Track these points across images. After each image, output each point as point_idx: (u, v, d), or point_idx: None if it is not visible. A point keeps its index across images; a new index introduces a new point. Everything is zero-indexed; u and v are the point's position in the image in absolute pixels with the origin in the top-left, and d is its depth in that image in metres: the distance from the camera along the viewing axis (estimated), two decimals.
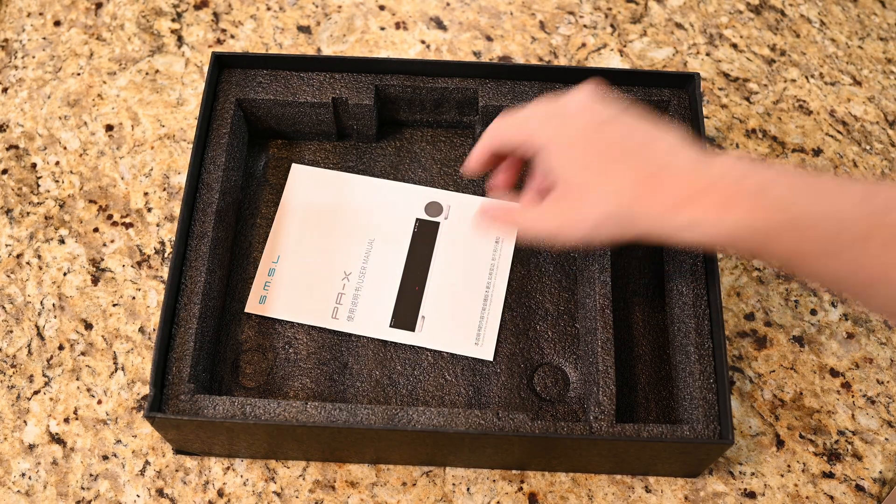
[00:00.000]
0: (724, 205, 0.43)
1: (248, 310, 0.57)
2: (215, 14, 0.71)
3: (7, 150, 0.64)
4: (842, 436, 0.55)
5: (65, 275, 0.59)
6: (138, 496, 0.52)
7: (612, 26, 0.71)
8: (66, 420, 0.55)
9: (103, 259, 0.60)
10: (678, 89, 0.59)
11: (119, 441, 0.54)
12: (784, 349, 0.58)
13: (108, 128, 0.65)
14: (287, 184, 0.61)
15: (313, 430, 0.48)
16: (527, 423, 0.48)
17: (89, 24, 0.70)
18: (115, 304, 0.58)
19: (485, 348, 0.55)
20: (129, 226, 0.61)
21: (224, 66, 0.59)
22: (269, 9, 0.71)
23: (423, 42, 0.70)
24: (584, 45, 0.70)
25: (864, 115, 0.67)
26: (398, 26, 0.71)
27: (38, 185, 0.63)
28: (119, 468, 0.53)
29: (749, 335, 0.58)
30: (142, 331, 0.57)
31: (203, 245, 0.53)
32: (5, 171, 0.64)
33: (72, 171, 0.63)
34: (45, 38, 0.70)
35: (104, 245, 0.60)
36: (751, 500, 0.53)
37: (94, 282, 0.59)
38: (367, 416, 0.48)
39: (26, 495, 0.52)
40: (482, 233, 0.54)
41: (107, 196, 0.62)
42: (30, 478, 0.53)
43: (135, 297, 0.58)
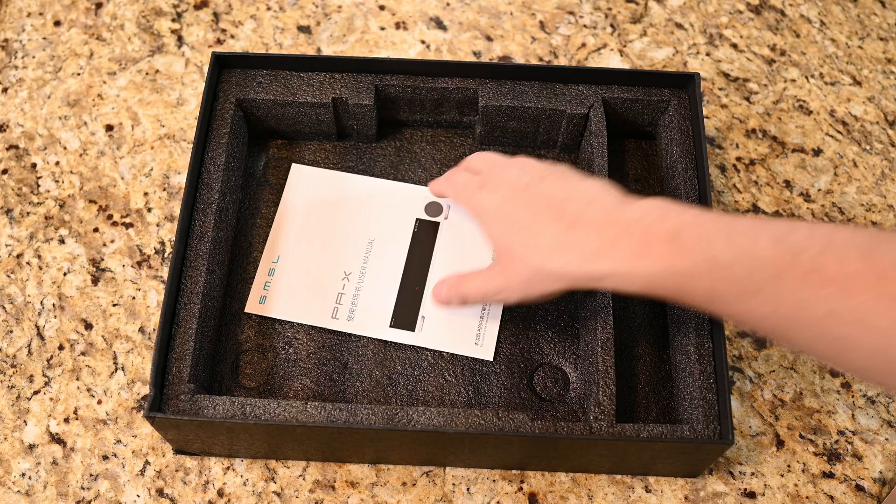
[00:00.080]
0: (637, 252, 0.44)
1: (248, 310, 0.57)
2: (215, 14, 0.71)
3: (7, 150, 0.64)
4: (842, 436, 0.55)
5: (65, 275, 0.59)
6: (138, 496, 0.52)
7: (612, 26, 0.71)
8: (66, 420, 0.55)
9: (103, 259, 0.60)
10: (678, 89, 0.59)
11: (119, 441, 0.54)
12: (784, 349, 0.58)
13: (108, 128, 0.65)
14: (287, 184, 0.61)
15: (313, 430, 0.48)
16: (527, 423, 0.48)
17: (89, 24, 0.70)
18: (115, 304, 0.58)
19: (485, 348, 0.55)
20: (129, 226, 0.61)
21: (224, 66, 0.59)
22: (269, 9, 0.71)
23: (423, 42, 0.70)
24: (584, 45, 0.70)
25: (864, 115, 0.67)
26: (398, 26, 0.71)
27: (38, 185, 0.63)
28: (119, 468, 0.53)
29: (749, 335, 0.58)
30: (142, 331, 0.57)
31: (203, 245, 0.53)
32: (5, 171, 0.64)
33: (72, 171, 0.63)
34: (45, 38, 0.70)
35: (104, 245, 0.60)
36: (751, 500, 0.53)
37: (94, 282, 0.59)
38: (367, 416, 0.48)
39: (26, 495, 0.52)
40: (441, 304, 0.55)
41: (107, 196, 0.62)
42: (30, 478, 0.53)
43: (135, 297, 0.58)
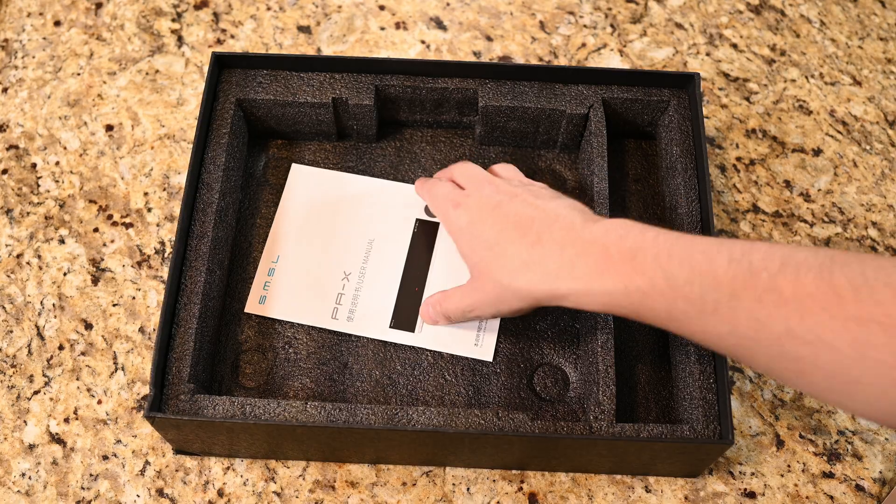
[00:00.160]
0: (596, 271, 0.44)
1: (247, 310, 0.57)
2: (215, 14, 0.71)
3: (7, 150, 0.64)
4: (842, 436, 0.55)
5: (65, 275, 0.59)
6: (138, 496, 0.52)
7: (612, 26, 0.71)
8: (66, 420, 0.55)
9: (103, 259, 0.60)
10: (678, 89, 0.59)
11: (119, 441, 0.54)
12: None
13: (108, 128, 0.65)
14: (287, 184, 0.61)
15: (313, 430, 0.48)
16: (527, 422, 0.48)
17: (89, 24, 0.70)
18: (115, 304, 0.58)
19: (484, 350, 0.55)
20: (129, 226, 0.61)
21: (224, 66, 0.59)
22: (269, 9, 0.71)
23: (423, 42, 0.70)
24: (584, 45, 0.70)
25: (864, 115, 0.67)
26: (398, 26, 0.71)
27: (38, 185, 0.63)
28: (119, 468, 0.53)
29: None
30: (142, 331, 0.57)
31: (203, 245, 0.53)
32: (5, 171, 0.64)
33: (72, 171, 0.63)
34: (45, 38, 0.70)
35: (104, 245, 0.60)
36: (751, 500, 0.53)
37: (94, 282, 0.59)
38: (367, 415, 0.48)
39: (26, 495, 0.52)
40: (430, 323, 0.56)
41: (107, 196, 0.62)
42: (30, 478, 0.53)
43: (135, 297, 0.58)
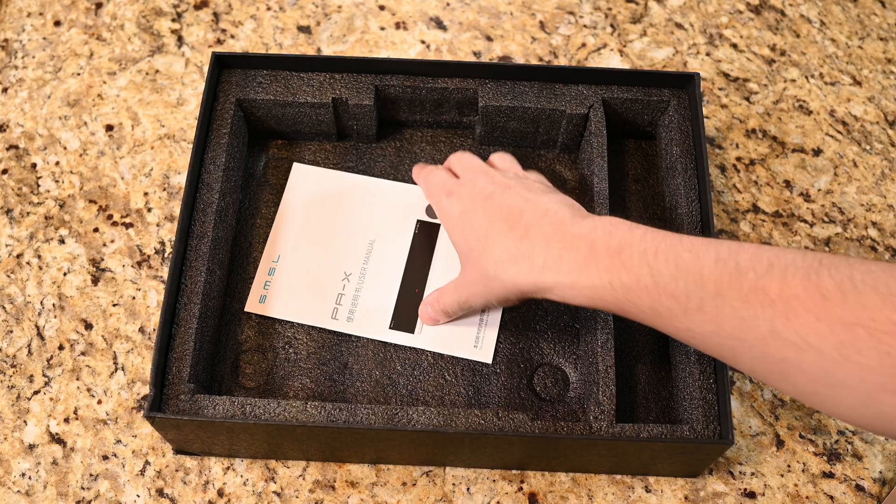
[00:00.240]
0: (581, 265, 0.44)
1: (247, 309, 0.57)
2: (215, 14, 0.71)
3: (7, 150, 0.64)
4: (842, 436, 0.55)
5: (65, 275, 0.59)
6: (138, 496, 0.52)
7: (612, 26, 0.71)
8: (66, 420, 0.55)
9: (103, 259, 0.60)
10: (678, 89, 0.59)
11: (119, 441, 0.54)
12: None
13: (108, 128, 0.65)
14: (288, 182, 0.61)
15: (313, 430, 0.48)
16: (527, 423, 0.48)
17: (89, 24, 0.70)
18: (115, 304, 0.58)
19: (484, 351, 0.55)
20: (129, 226, 0.61)
21: (224, 67, 0.59)
22: (269, 9, 0.71)
23: (423, 42, 0.70)
24: (584, 45, 0.70)
25: (864, 115, 0.67)
26: (398, 26, 0.71)
27: (38, 185, 0.63)
28: (119, 468, 0.53)
29: None
30: (142, 331, 0.57)
31: (203, 245, 0.53)
32: (5, 171, 0.64)
33: (72, 171, 0.63)
34: (45, 38, 0.70)
35: (104, 245, 0.60)
36: (751, 500, 0.53)
37: (94, 282, 0.59)
38: (367, 416, 0.48)
39: (26, 495, 0.52)
40: (431, 324, 0.56)
41: (107, 196, 0.62)
42: (30, 478, 0.53)
43: (135, 297, 0.58)
